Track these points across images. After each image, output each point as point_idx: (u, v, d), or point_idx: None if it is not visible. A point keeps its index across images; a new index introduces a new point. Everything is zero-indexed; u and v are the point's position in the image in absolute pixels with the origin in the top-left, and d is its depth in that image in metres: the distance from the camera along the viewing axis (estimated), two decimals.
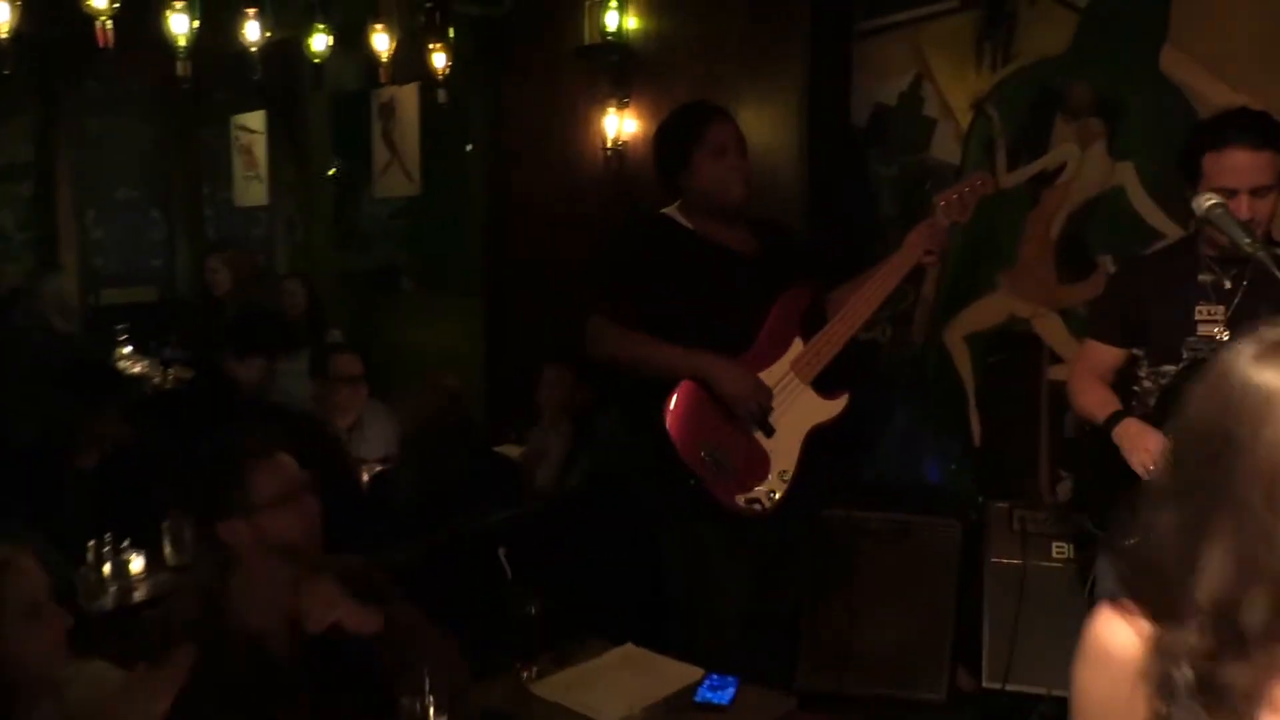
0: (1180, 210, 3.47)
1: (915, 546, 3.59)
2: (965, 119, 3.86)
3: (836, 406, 2.81)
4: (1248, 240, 2.02)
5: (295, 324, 5.21)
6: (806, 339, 2.79)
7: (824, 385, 2.80)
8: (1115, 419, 2.45)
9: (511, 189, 4.78)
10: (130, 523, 3.05)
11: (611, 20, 4.30)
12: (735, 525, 2.71)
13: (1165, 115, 3.47)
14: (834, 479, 3.34)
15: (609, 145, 4.40)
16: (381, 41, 4.24)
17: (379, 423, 4.33)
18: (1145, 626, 1.12)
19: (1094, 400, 2.55)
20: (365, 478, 3.75)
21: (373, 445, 4.11)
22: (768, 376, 2.72)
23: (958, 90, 3.87)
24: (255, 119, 5.97)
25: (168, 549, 3.13)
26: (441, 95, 4.29)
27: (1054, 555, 3.32)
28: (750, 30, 4.07)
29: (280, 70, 4.86)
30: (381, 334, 5.31)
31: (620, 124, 4.38)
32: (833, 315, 2.86)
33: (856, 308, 2.81)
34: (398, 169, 5.29)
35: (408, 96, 5.11)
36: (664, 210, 2.88)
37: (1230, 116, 2.42)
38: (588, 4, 4.36)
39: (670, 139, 2.86)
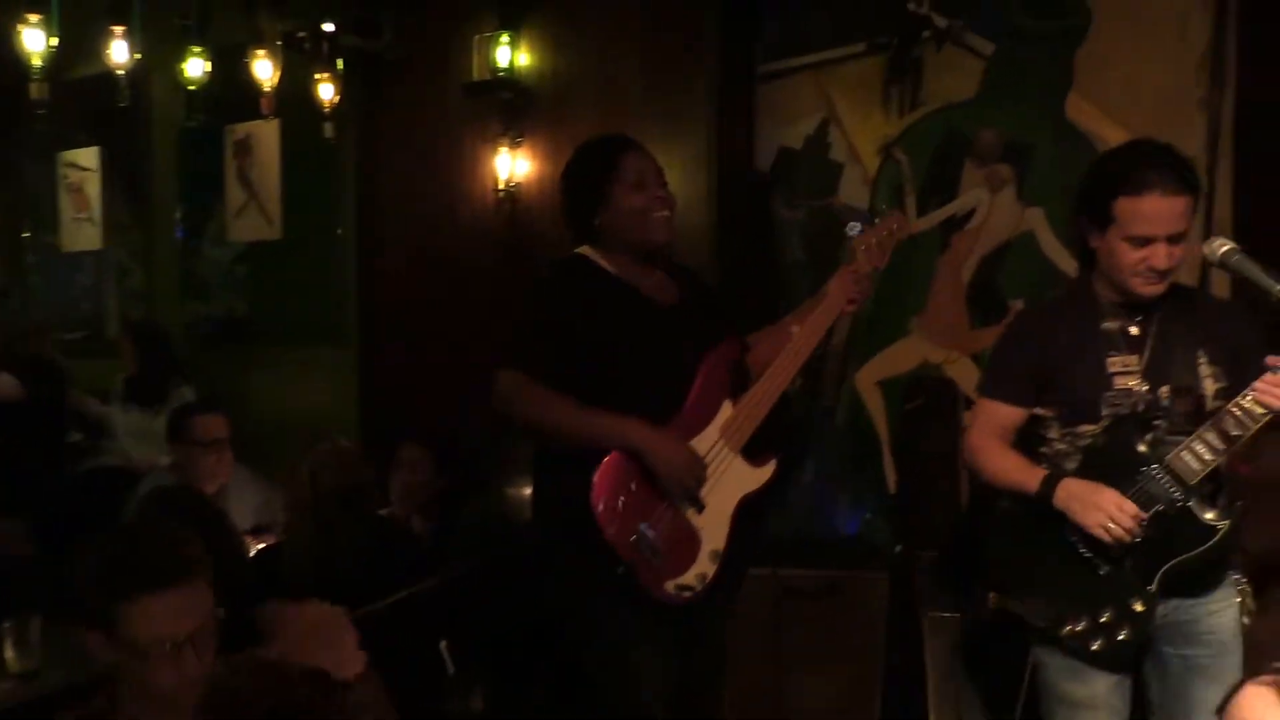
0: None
1: (843, 602, 3.49)
2: (873, 163, 3.83)
3: (765, 473, 2.54)
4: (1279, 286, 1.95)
5: (135, 381, 4.76)
6: (735, 401, 2.53)
7: (749, 449, 2.54)
8: (1052, 482, 2.25)
9: (389, 233, 4.47)
10: None
11: (503, 56, 4.08)
12: (655, 609, 2.41)
13: (1073, 162, 3.51)
14: (755, 545, 3.17)
15: (500, 187, 4.16)
16: (263, 69, 3.88)
17: (247, 490, 3.94)
18: None
19: (1011, 466, 2.34)
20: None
21: (240, 515, 3.72)
22: (698, 445, 2.45)
23: (865, 134, 3.83)
24: (87, 155, 5.43)
25: (9, 652, 2.66)
26: (329, 130, 3.97)
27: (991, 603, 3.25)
28: (652, 69, 3.94)
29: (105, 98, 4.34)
30: (238, 391, 4.86)
31: (513, 165, 4.15)
32: (755, 372, 2.63)
33: (784, 364, 2.56)
34: (255, 211, 4.88)
35: (267, 132, 4.73)
36: (579, 251, 2.57)
37: (1144, 157, 2.25)
38: (477, 39, 4.14)
39: (583, 173, 2.57)
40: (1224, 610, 2.26)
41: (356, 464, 3.15)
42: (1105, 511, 2.16)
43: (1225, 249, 2.09)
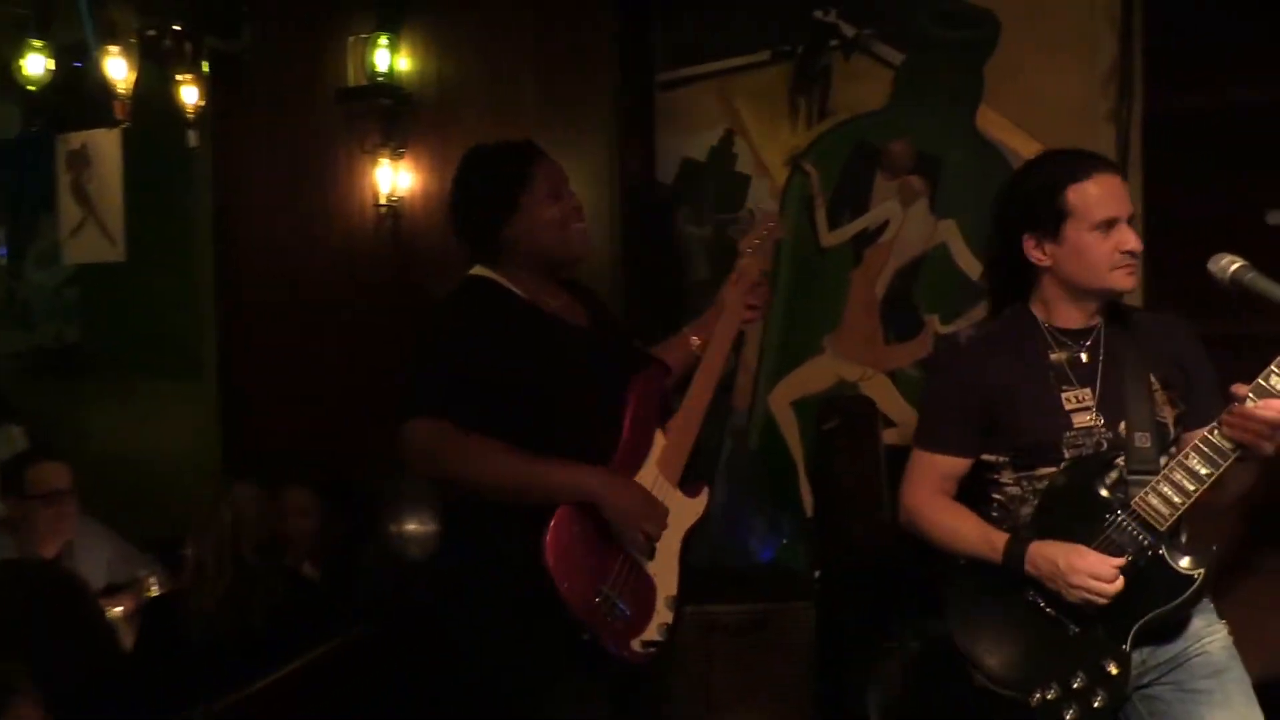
0: None
1: (770, 635, 3.32)
2: (781, 176, 3.70)
3: (701, 504, 2.35)
4: None
5: None
6: (664, 431, 2.32)
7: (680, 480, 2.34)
8: (1019, 547, 2.03)
9: (253, 253, 4.07)
10: None
11: (381, 60, 3.77)
12: (591, 662, 2.16)
13: (985, 173, 3.47)
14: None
15: (381, 202, 3.83)
16: (117, 69, 3.43)
17: (96, 546, 3.49)
18: None
19: (965, 529, 2.12)
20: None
21: (92, 574, 3.28)
22: (640, 483, 2.22)
23: (772, 146, 3.70)
24: None
25: None
26: (193, 138, 3.56)
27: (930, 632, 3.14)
28: (547, 76, 3.71)
29: None
30: (72, 429, 4.35)
31: (394, 178, 3.83)
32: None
33: (701, 384, 2.37)
34: (94, 229, 4.38)
35: (107, 142, 4.25)
36: (477, 273, 2.27)
37: (1073, 151, 2.12)
38: (351, 40, 3.81)
39: (487, 181, 2.28)
40: (1209, 636, 2.09)
41: (264, 513, 2.82)
42: (1087, 587, 1.95)
43: (1236, 266, 1.90)
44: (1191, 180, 3.20)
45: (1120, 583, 1.96)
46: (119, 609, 3.21)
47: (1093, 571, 1.95)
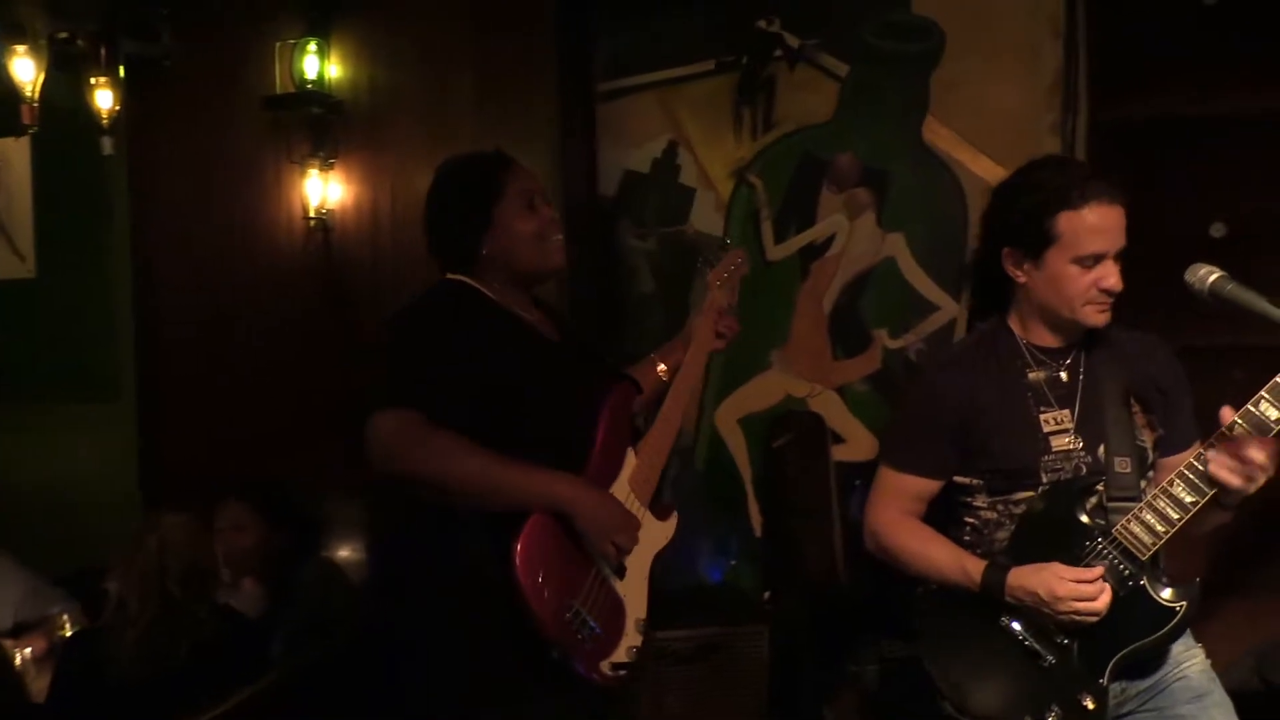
0: (952, 281, 3.46)
1: (723, 661, 3.22)
2: (726, 188, 3.63)
3: (671, 527, 2.27)
4: None
5: None
6: (636, 451, 2.24)
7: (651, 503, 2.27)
8: (999, 573, 1.95)
9: (174, 268, 3.86)
10: None
11: (310, 66, 3.62)
12: (559, 684, 2.04)
13: (932, 186, 3.45)
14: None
15: (311, 214, 3.67)
16: (24, 70, 3.21)
17: (4, 583, 3.31)
18: None
19: (938, 555, 2.05)
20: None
21: None
22: None
23: (716, 158, 3.63)
24: None
25: None
26: (108, 145, 3.35)
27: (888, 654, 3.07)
28: (485, 85, 3.59)
29: None
30: None
31: (324, 189, 3.67)
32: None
33: (673, 408, 2.33)
34: (2, 244, 4.13)
35: (15, 151, 4.00)
36: (455, 277, 2.18)
37: (1075, 168, 2.05)
38: (279, 46, 3.65)
39: (459, 197, 2.20)
40: (1188, 661, 2.03)
41: (204, 539, 2.65)
42: (1074, 610, 1.88)
43: (1215, 277, 1.83)
44: (1136, 192, 3.19)
45: (1108, 595, 1.90)
46: (28, 650, 3.01)
47: (1076, 594, 1.88)
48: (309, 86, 3.61)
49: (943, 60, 3.42)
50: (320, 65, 3.63)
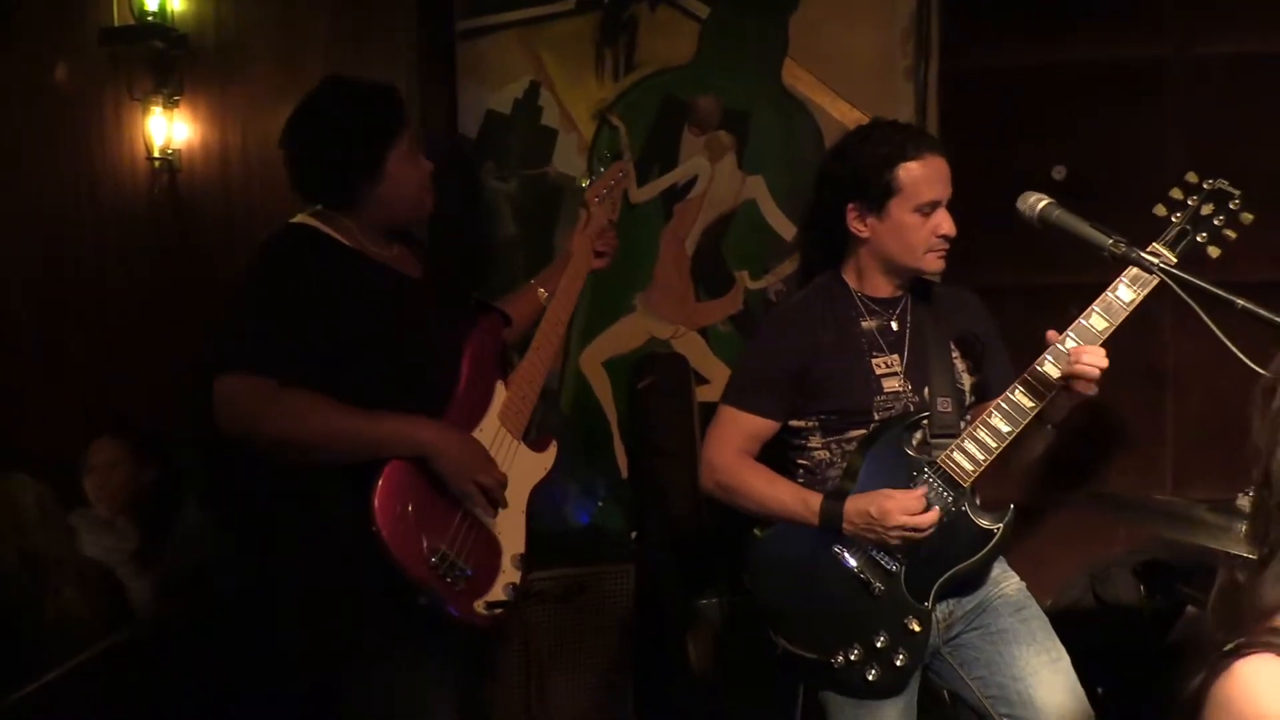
0: None
1: (590, 600, 3.26)
2: (588, 130, 3.60)
3: (550, 458, 2.30)
4: (1112, 241, 1.83)
5: None
6: (506, 383, 2.24)
7: (526, 433, 2.27)
8: (836, 506, 2.05)
9: (5, 214, 3.63)
10: None
11: None
12: (451, 638, 2.08)
13: (791, 129, 3.49)
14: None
15: (154, 155, 3.50)
16: None
17: None
18: None
19: (777, 493, 2.13)
20: None
21: None
22: (481, 437, 2.13)
23: (579, 99, 3.60)
24: None
25: None
26: None
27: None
28: (339, 21, 3.47)
29: None
30: None
31: (169, 129, 3.51)
32: (513, 346, 2.39)
33: (547, 335, 2.33)
34: None
35: None
36: (299, 221, 2.10)
37: (905, 127, 2.19)
38: None
39: (351, 132, 2.06)
40: (1005, 581, 2.19)
41: (45, 507, 2.52)
42: (903, 525, 1.99)
43: (1044, 204, 1.94)
44: (985, 137, 3.30)
45: (935, 514, 2.01)
46: None
47: (904, 508, 2.00)
48: (150, 19, 3.42)
49: (802, 3, 3.46)
50: None
